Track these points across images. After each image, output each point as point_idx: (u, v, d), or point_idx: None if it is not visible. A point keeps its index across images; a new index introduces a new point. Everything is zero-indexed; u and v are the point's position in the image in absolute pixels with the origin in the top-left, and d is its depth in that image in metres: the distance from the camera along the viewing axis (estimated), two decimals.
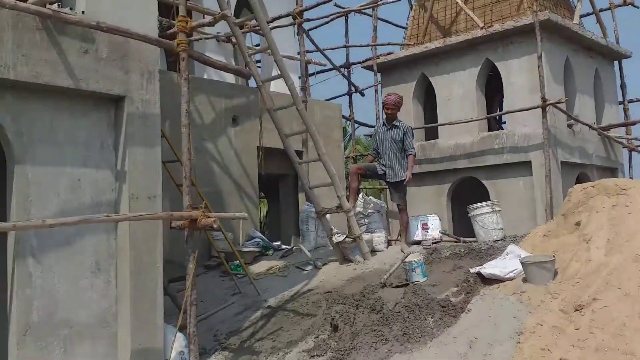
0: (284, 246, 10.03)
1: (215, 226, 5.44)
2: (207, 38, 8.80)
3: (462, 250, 7.40)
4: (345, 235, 7.83)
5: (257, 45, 12.48)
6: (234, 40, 9.19)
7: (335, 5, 13.18)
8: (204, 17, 8.88)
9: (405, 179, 8.00)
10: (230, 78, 10.89)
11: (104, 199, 5.37)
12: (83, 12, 5.30)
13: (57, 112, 5.16)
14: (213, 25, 7.03)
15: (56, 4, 5.08)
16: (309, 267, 8.12)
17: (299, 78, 11.33)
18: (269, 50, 7.67)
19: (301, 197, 11.10)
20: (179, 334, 5.50)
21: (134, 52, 5.54)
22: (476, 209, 8.11)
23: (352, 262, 7.78)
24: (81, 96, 5.28)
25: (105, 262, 5.33)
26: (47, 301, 4.91)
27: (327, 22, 12.86)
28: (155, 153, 5.65)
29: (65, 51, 5.07)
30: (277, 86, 10.28)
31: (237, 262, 8.24)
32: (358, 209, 8.31)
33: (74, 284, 5.10)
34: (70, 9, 5.33)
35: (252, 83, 11.87)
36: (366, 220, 8.36)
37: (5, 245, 4.92)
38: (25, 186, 4.89)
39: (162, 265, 5.59)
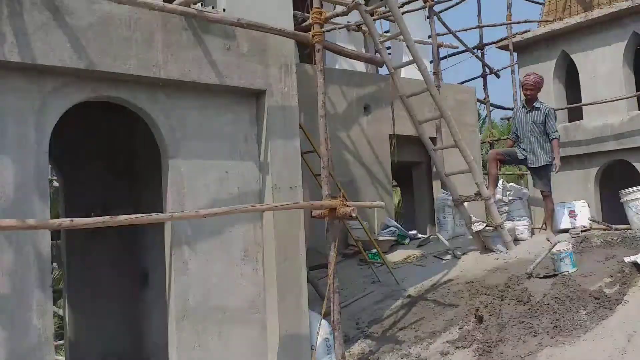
0: (419, 235, 9.90)
1: (354, 215, 5.45)
2: (339, 28, 8.87)
3: (615, 238, 6.91)
4: (485, 224, 7.56)
5: (387, 32, 12.39)
6: (363, 28, 9.17)
7: None
8: (334, 8, 8.93)
9: (554, 167, 7.58)
10: (360, 67, 10.90)
11: (249, 189, 5.57)
12: (224, 10, 5.50)
13: (204, 107, 5.40)
14: (346, 15, 7.06)
15: (199, 3, 5.30)
16: (448, 257, 7.94)
17: (431, 62, 11.11)
18: (400, 36, 7.57)
19: (435, 184, 10.91)
20: (324, 321, 5.58)
21: (272, 46, 5.67)
22: (630, 193, 7.51)
23: (494, 251, 7.50)
24: (225, 91, 5.49)
25: (253, 251, 5.53)
26: (202, 287, 5.17)
27: (458, 3, 12.54)
28: (295, 144, 5.78)
29: (209, 49, 5.29)
30: (408, 72, 10.14)
31: (373, 250, 8.24)
32: (498, 196, 7.99)
33: (226, 271, 5.33)
34: (212, 7, 5.55)
35: (382, 70, 11.88)
36: (507, 208, 8.01)
37: (162, 235, 5.24)
38: (178, 179, 5.17)
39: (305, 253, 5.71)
